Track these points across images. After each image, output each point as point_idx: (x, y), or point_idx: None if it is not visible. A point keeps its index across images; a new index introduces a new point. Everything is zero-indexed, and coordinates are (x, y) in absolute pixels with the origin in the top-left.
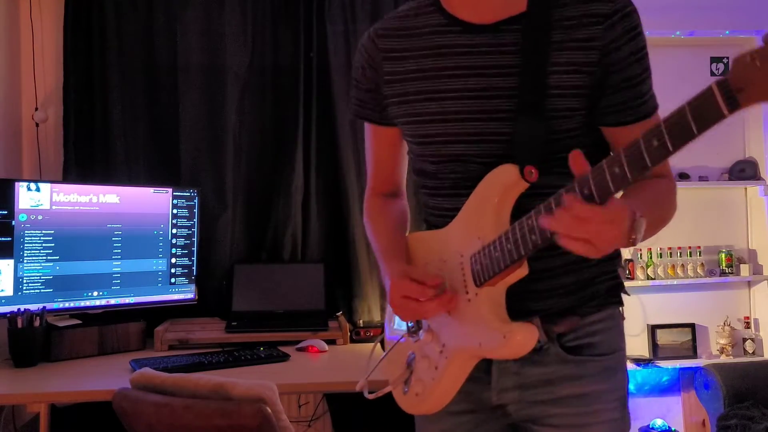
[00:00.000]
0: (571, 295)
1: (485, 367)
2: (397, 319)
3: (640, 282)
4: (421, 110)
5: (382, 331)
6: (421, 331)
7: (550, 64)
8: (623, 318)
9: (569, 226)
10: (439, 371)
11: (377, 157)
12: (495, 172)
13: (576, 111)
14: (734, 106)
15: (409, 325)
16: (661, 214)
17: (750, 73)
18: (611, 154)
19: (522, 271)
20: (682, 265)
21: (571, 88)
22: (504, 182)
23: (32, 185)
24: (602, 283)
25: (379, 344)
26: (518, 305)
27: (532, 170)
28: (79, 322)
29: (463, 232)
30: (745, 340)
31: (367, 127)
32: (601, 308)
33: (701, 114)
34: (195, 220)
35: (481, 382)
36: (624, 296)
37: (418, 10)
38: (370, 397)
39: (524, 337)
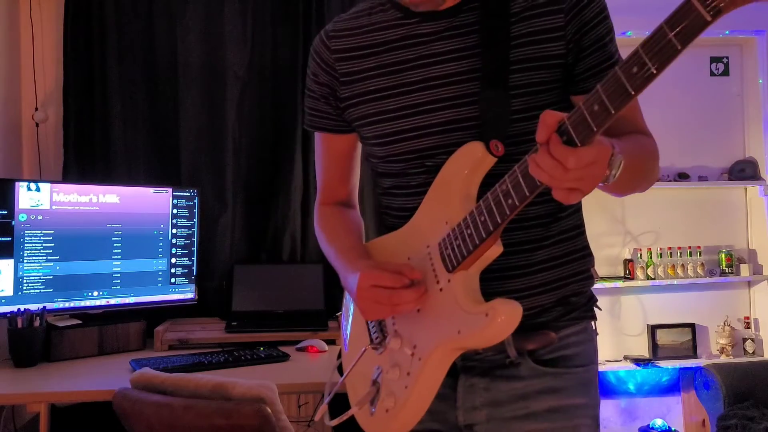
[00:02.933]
0: (550, 292)
1: (451, 383)
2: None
3: (640, 282)
4: (384, 107)
5: (339, 356)
6: (387, 339)
7: (511, 38)
8: (597, 333)
9: (553, 170)
10: (412, 376)
11: (330, 167)
12: (458, 153)
13: (545, 85)
14: (716, 12)
15: (373, 336)
16: (642, 163)
17: None
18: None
19: (496, 249)
20: (682, 265)
21: (537, 59)
22: (469, 160)
23: (32, 185)
24: (580, 284)
25: (336, 371)
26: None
27: (498, 144)
28: (79, 322)
29: (427, 223)
30: (745, 340)
31: (320, 137)
32: (577, 322)
33: (683, 27)
34: (195, 220)
35: (447, 400)
36: (627, 296)
37: (372, 9)
38: (332, 423)
39: (509, 313)
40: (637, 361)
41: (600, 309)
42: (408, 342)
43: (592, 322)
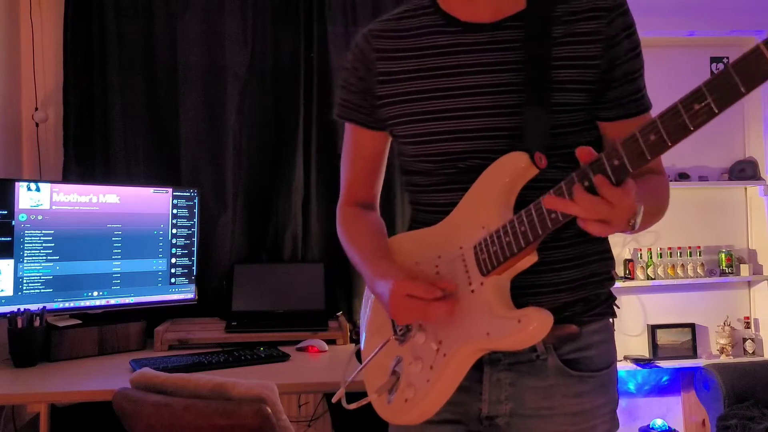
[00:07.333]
0: (573, 291)
1: (477, 376)
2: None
3: (640, 282)
4: (421, 108)
5: (357, 343)
6: (411, 332)
7: (553, 58)
8: (614, 330)
9: (596, 209)
10: (435, 371)
11: (357, 164)
12: (503, 160)
13: (579, 105)
14: None
15: (397, 328)
16: (657, 205)
17: None
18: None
19: (532, 258)
20: (682, 265)
21: (574, 82)
22: (513, 169)
23: (32, 185)
24: (601, 285)
25: (354, 356)
26: (518, 301)
27: (542, 157)
28: (79, 322)
29: (462, 224)
30: (745, 340)
31: (351, 129)
32: (599, 318)
33: (749, 73)
34: (195, 220)
35: (470, 392)
36: (627, 296)
37: (415, 11)
38: (351, 407)
39: (540, 321)
40: (637, 361)
41: (619, 308)
42: (433, 337)
43: (612, 320)
